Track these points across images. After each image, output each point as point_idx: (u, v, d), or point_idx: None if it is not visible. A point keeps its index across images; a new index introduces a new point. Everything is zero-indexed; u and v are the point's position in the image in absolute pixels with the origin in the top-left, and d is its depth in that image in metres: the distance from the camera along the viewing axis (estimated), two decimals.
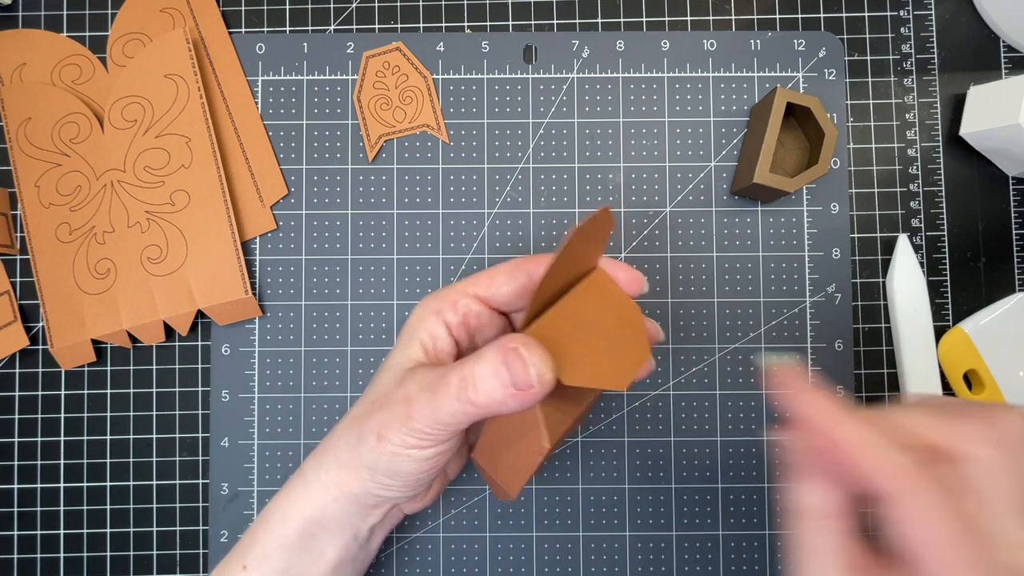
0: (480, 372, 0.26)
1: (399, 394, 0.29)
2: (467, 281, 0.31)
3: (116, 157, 0.40)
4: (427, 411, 0.28)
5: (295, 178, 0.41)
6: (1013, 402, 0.39)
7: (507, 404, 0.26)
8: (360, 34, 0.42)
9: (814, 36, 0.42)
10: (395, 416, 0.28)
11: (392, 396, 0.29)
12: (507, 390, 0.26)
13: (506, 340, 0.26)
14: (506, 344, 0.26)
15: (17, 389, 0.41)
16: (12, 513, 0.40)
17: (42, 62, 0.41)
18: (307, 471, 0.32)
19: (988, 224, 0.41)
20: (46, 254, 0.40)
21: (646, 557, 0.40)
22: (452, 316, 0.31)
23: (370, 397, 0.31)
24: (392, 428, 0.28)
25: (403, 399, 0.29)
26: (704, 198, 0.41)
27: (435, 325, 0.31)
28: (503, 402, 0.26)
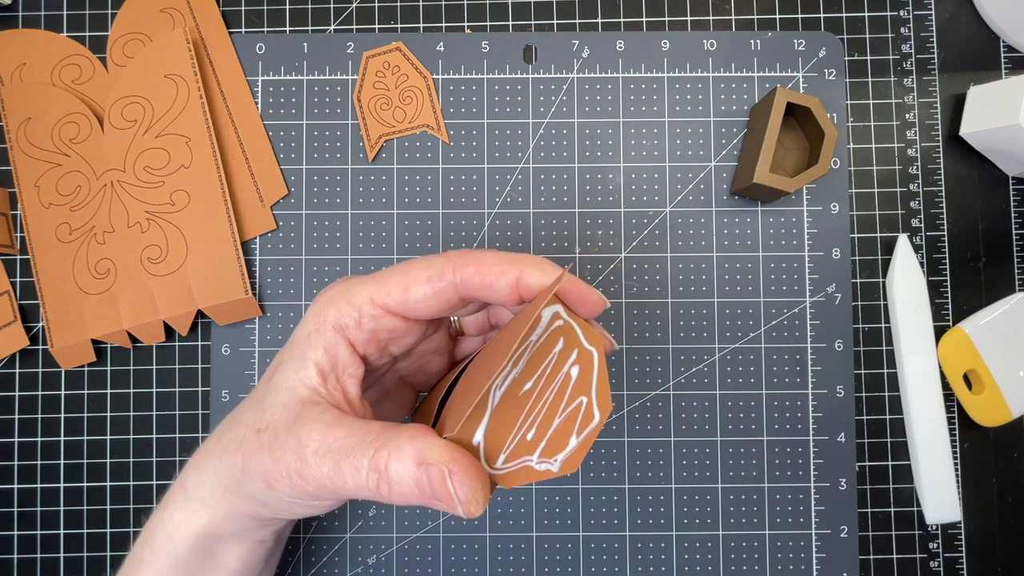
0: (397, 474, 0.22)
1: (291, 441, 0.24)
2: (376, 282, 0.26)
3: (116, 157, 0.40)
4: (326, 482, 0.24)
5: (295, 178, 0.41)
6: (1013, 402, 0.39)
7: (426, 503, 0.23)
8: (360, 34, 0.42)
9: (814, 36, 0.41)
10: (286, 469, 0.24)
11: (283, 440, 0.24)
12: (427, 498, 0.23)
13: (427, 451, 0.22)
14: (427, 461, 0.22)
15: (17, 389, 0.41)
16: (12, 513, 0.40)
17: (42, 62, 0.41)
18: (188, 484, 0.28)
19: (988, 224, 0.41)
20: (46, 254, 0.40)
21: (646, 557, 0.40)
22: (356, 333, 0.26)
23: (253, 420, 0.26)
24: (282, 482, 0.24)
25: (296, 452, 0.24)
26: (704, 198, 0.41)
27: (335, 343, 0.26)
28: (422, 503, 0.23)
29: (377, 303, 0.26)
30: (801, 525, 0.40)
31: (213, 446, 0.27)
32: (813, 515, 0.40)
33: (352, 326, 0.26)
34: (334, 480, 0.23)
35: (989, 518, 0.40)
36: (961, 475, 0.40)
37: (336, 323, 0.26)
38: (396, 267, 0.26)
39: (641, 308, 0.41)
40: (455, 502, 0.22)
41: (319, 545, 0.40)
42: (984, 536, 0.40)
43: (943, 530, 0.40)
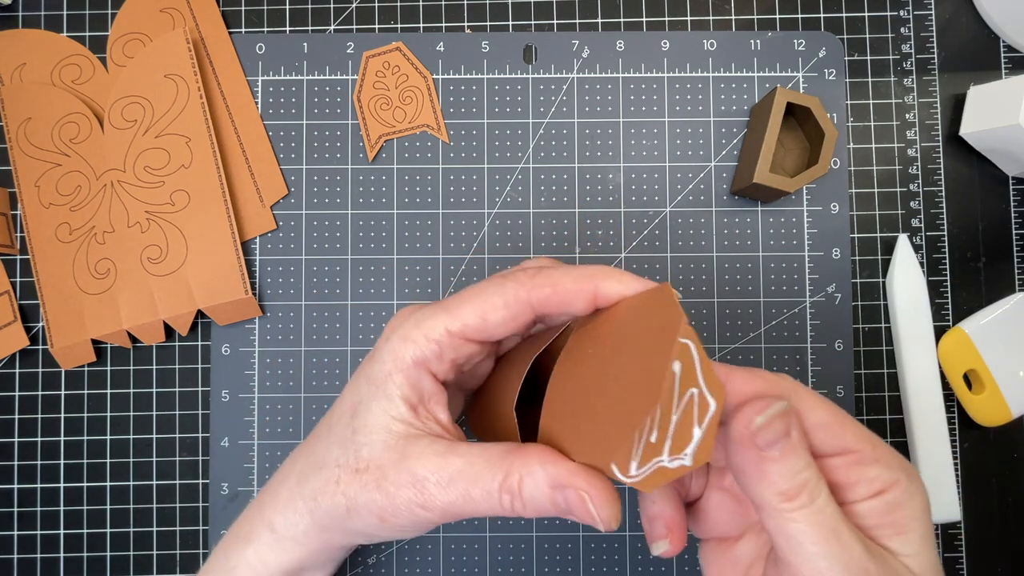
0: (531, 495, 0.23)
1: (404, 476, 0.24)
2: (450, 312, 0.25)
3: (116, 157, 0.40)
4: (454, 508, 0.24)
5: (295, 178, 0.41)
6: (1013, 402, 0.39)
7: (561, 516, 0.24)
8: (360, 34, 0.42)
9: (814, 36, 0.41)
10: (406, 503, 0.24)
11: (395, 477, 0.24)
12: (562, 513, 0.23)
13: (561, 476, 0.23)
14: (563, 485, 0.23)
15: (17, 389, 0.41)
16: (12, 513, 0.40)
17: (42, 62, 0.41)
18: (276, 524, 0.28)
19: (988, 224, 0.41)
20: (46, 254, 0.40)
21: (646, 557, 0.40)
22: (438, 365, 0.26)
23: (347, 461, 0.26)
24: (401, 516, 0.25)
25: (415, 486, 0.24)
26: (704, 198, 0.41)
27: (418, 378, 0.26)
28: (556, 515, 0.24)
29: (454, 333, 0.25)
30: None
31: (299, 488, 0.27)
32: None
33: (433, 359, 0.26)
34: (463, 506, 0.24)
35: (989, 518, 0.40)
36: (961, 475, 0.40)
37: (416, 358, 0.26)
38: (466, 294, 0.26)
39: None
40: (596, 521, 0.22)
41: None
42: (984, 536, 0.40)
43: (943, 530, 0.40)
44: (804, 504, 0.21)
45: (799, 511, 0.21)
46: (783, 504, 0.21)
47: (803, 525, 0.20)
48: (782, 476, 0.21)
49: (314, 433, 0.29)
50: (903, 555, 0.21)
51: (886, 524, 0.22)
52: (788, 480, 0.21)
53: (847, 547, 0.20)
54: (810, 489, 0.21)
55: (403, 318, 0.27)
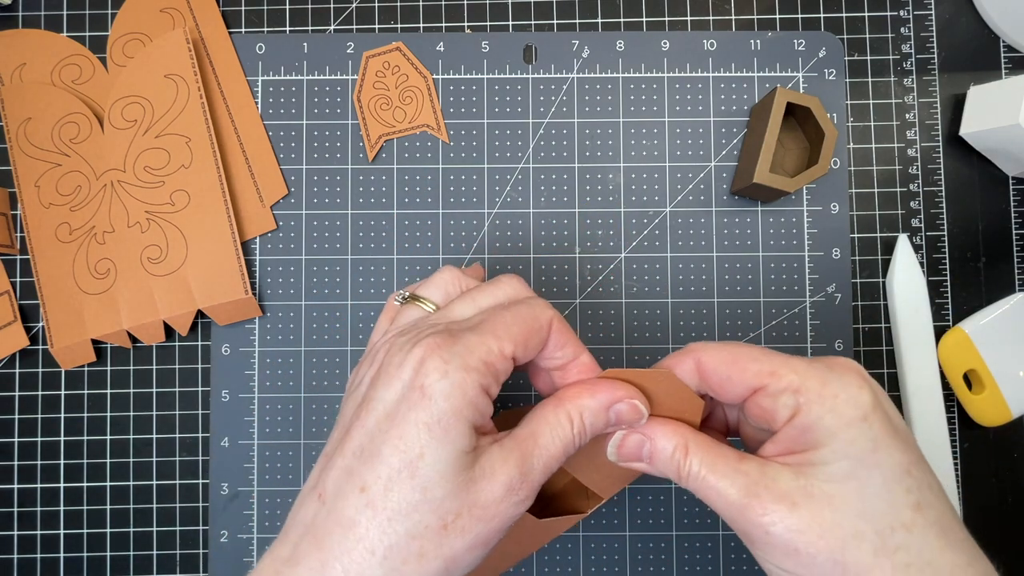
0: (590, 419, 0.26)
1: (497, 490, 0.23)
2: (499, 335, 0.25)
3: (116, 157, 0.40)
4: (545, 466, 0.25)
5: (295, 178, 0.41)
6: (1013, 402, 0.39)
7: None
8: (360, 34, 0.42)
9: (814, 36, 0.41)
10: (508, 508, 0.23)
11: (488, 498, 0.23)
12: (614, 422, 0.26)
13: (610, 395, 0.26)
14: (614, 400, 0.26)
15: (17, 389, 0.41)
16: (12, 513, 0.40)
17: (42, 62, 0.41)
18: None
19: (988, 224, 0.41)
20: (46, 254, 0.40)
21: (646, 557, 0.40)
22: (496, 389, 0.25)
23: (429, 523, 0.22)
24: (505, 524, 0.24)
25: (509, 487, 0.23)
26: (704, 198, 0.41)
27: (487, 405, 0.24)
28: None
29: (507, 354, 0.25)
30: None
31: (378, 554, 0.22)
32: None
33: (493, 384, 0.25)
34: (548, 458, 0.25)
35: (989, 518, 0.40)
36: (961, 475, 0.40)
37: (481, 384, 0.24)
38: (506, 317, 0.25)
39: (641, 308, 0.40)
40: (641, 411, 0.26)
41: None
42: (984, 536, 0.40)
43: None
44: (685, 477, 0.25)
45: (687, 482, 0.25)
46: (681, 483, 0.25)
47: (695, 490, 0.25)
48: (665, 470, 0.26)
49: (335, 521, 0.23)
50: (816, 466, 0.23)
51: (803, 445, 0.24)
52: (668, 469, 0.25)
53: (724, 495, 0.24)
54: (681, 465, 0.25)
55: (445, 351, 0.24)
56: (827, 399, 0.23)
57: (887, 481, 0.23)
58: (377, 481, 0.22)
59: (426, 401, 0.23)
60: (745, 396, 0.25)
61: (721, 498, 0.24)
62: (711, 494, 0.24)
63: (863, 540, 0.22)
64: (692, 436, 0.25)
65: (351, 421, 0.24)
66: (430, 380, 0.23)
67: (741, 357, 0.25)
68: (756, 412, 0.25)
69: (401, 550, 0.22)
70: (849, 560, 0.22)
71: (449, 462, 0.23)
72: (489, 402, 0.24)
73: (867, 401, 0.23)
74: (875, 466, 0.23)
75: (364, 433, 0.23)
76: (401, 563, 0.22)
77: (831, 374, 0.24)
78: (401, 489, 0.22)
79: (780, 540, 0.23)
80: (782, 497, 0.23)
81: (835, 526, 0.22)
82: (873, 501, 0.22)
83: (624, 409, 0.26)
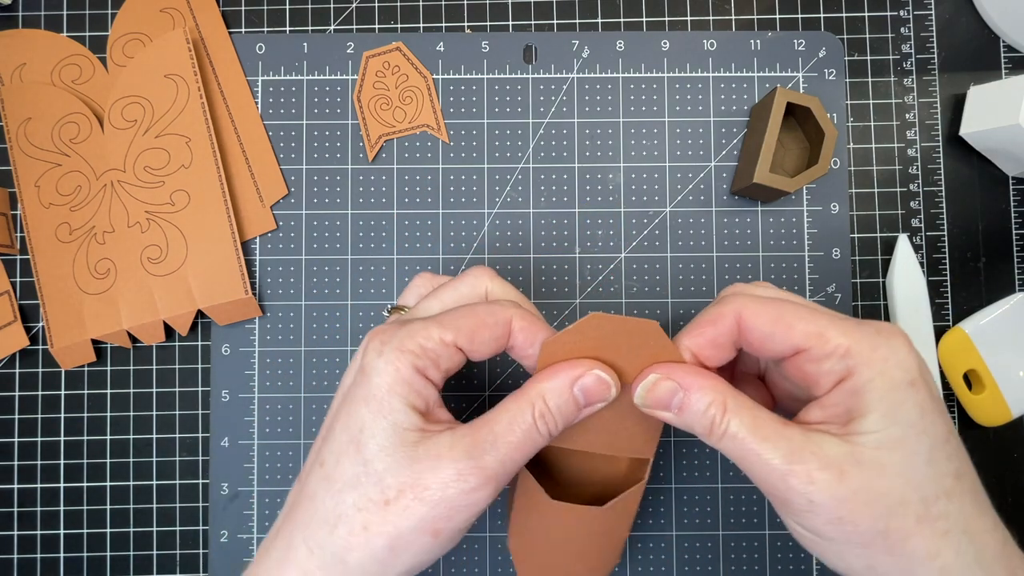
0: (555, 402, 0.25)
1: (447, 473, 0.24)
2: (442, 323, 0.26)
3: (116, 157, 0.40)
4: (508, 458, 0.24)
5: (295, 178, 0.41)
6: (1013, 402, 0.39)
7: None
8: (360, 34, 0.42)
9: (814, 36, 0.42)
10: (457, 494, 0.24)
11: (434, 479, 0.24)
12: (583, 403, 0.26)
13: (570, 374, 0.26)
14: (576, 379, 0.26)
15: (17, 389, 0.41)
16: (12, 513, 0.40)
17: (42, 62, 0.41)
18: None
19: (988, 224, 0.41)
20: (46, 254, 0.40)
21: (646, 557, 0.40)
22: (435, 373, 0.26)
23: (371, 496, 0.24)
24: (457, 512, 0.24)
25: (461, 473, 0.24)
26: (704, 198, 0.41)
27: (423, 386, 0.25)
28: None
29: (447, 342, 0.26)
30: None
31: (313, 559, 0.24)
32: None
33: (431, 367, 0.26)
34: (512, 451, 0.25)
35: None
36: None
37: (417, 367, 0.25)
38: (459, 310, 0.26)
39: (641, 308, 0.40)
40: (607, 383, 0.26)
41: None
42: None
43: None
44: (719, 436, 0.24)
45: (720, 442, 0.24)
46: (709, 440, 0.24)
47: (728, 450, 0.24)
48: (693, 424, 0.25)
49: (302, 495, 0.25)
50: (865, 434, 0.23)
51: (848, 411, 0.23)
52: (698, 424, 0.24)
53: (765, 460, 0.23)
54: (717, 423, 0.24)
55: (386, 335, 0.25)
56: (877, 363, 0.23)
57: (932, 449, 0.22)
58: (331, 455, 0.24)
59: (363, 378, 0.24)
60: (787, 356, 0.24)
61: (761, 462, 0.23)
62: (751, 457, 0.23)
63: (908, 508, 0.22)
64: (731, 394, 0.24)
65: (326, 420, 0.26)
66: (368, 359, 0.25)
67: (786, 315, 0.24)
68: (797, 374, 0.25)
69: (348, 520, 0.23)
70: (892, 527, 0.22)
71: (387, 436, 0.24)
72: (428, 384, 0.25)
73: (915, 366, 0.23)
74: (923, 433, 0.22)
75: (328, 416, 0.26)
76: (348, 534, 0.23)
77: (879, 338, 0.23)
78: (348, 461, 0.24)
79: (824, 508, 0.22)
80: (829, 465, 0.22)
81: (883, 495, 0.22)
82: (921, 468, 0.22)
83: (590, 383, 0.25)
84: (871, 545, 0.22)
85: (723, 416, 0.24)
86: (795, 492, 0.22)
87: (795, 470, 0.22)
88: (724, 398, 0.24)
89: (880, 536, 0.22)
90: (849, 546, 0.23)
